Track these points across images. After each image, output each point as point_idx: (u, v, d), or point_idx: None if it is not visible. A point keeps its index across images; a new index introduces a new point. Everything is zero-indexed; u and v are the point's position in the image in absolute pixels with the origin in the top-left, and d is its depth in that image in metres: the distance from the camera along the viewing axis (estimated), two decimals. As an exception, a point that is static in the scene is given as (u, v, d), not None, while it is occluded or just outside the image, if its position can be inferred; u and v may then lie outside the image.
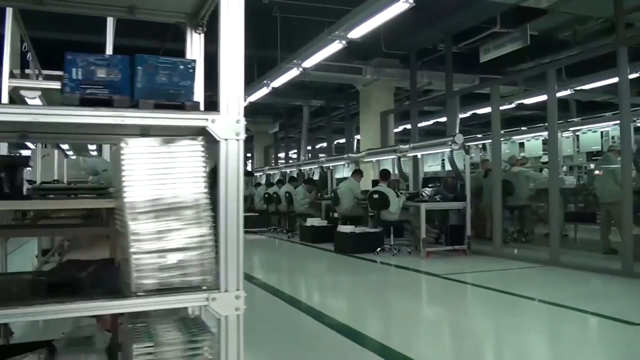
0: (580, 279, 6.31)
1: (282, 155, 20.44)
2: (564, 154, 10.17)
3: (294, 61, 8.39)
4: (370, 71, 10.44)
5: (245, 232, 1.63)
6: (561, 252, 7.02)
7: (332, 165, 12.47)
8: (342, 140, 16.88)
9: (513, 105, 11.48)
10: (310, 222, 10.77)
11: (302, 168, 13.96)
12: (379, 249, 8.48)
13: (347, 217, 9.72)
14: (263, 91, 10.46)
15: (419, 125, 13.79)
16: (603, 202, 7.91)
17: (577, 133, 10.14)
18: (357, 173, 9.68)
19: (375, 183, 10.64)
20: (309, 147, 16.51)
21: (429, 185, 8.60)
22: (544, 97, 8.16)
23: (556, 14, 8.53)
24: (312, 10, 8.69)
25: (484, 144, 11.35)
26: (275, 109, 16.87)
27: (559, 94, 8.02)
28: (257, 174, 16.92)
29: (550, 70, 7.06)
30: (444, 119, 12.66)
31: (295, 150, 18.56)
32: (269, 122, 18.38)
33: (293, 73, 9.01)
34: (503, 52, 8.94)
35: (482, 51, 9.38)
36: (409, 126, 14.34)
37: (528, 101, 11.60)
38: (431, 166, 9.62)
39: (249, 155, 20.94)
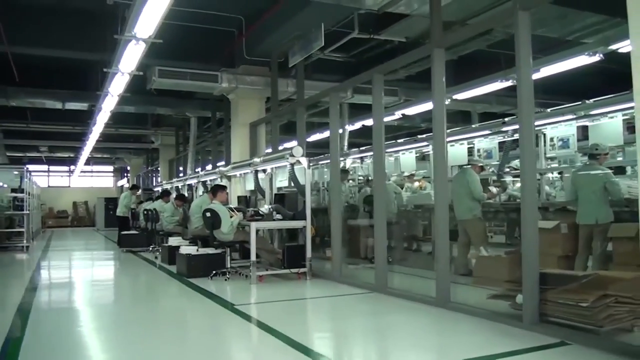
0: (389, 309, 5.57)
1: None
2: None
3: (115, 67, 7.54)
4: (228, 79, 9.65)
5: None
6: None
7: (211, 180, 11.57)
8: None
9: (398, 117, 10.84)
10: (171, 241, 9.87)
11: (203, 180, 12.97)
12: (213, 272, 7.61)
13: (199, 236, 8.84)
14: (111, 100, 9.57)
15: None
16: (460, 220, 7.29)
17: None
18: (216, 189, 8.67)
19: (239, 199, 9.85)
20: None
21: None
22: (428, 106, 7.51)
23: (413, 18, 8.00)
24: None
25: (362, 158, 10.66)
26: (176, 120, 15.98)
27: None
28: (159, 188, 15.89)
29: (377, 75, 6.38)
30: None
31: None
32: (172, 135, 17.45)
33: (121, 79, 8.17)
34: (304, 55, 8.50)
35: (290, 55, 8.83)
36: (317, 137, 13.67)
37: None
38: (281, 181, 8.83)
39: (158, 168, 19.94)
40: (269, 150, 9.83)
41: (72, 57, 10.20)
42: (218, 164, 12.45)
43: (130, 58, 7.33)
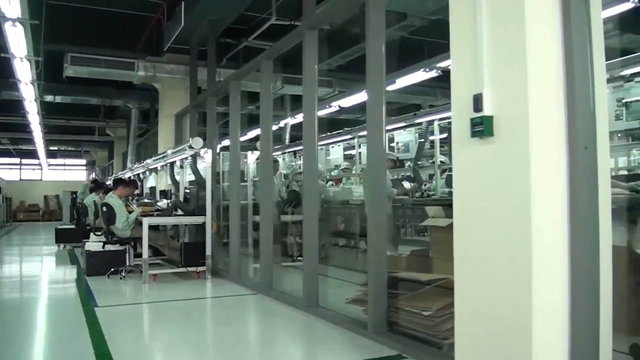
0: (256, 314, 5.14)
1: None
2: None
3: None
4: (145, 67, 9.17)
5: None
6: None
7: (142, 173, 11.13)
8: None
9: (335, 108, 10.37)
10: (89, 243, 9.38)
11: (136, 174, 12.48)
12: (111, 270, 7.18)
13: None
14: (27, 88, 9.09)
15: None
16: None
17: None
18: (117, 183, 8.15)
19: (160, 193, 9.41)
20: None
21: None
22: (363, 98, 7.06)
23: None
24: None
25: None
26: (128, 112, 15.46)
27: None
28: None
29: (265, 61, 5.91)
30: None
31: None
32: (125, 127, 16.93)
33: (22, 65, 7.71)
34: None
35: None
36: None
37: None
38: (190, 174, 8.37)
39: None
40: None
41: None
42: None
43: (16, 41, 6.86)
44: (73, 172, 31.64)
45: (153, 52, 9.85)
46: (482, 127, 2.47)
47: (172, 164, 8.49)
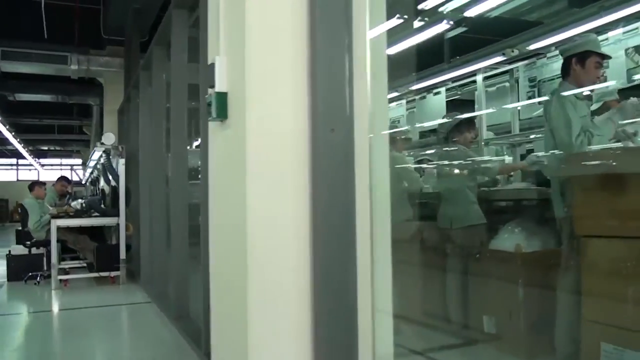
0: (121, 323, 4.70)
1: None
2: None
3: None
4: (79, 60, 8.74)
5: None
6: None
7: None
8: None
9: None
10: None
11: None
12: (28, 274, 6.80)
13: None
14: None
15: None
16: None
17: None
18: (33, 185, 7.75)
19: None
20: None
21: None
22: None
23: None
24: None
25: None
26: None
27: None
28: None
29: (156, 48, 5.44)
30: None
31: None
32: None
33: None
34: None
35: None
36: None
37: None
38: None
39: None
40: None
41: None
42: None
43: None
44: (71, 172, 31.65)
45: (96, 45, 9.44)
46: (216, 109, 1.93)
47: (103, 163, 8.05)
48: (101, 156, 6.71)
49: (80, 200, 6.95)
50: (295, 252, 1.75)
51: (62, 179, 7.89)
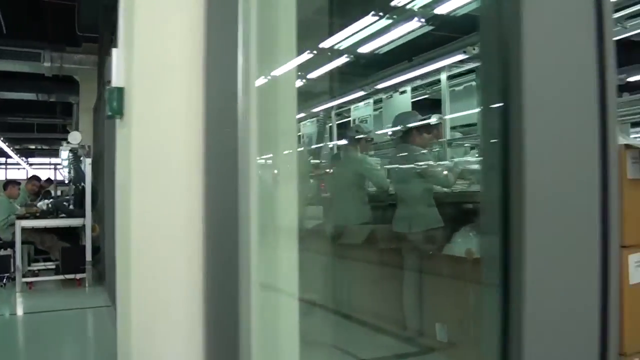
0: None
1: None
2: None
3: None
4: (52, 57, 8.56)
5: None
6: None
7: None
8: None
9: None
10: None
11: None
12: (-4, 276, 6.65)
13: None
14: None
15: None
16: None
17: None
18: (7, 184, 7.59)
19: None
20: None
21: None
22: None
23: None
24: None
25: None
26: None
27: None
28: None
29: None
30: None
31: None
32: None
33: None
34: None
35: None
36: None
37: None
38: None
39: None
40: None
41: None
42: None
43: None
44: (54, 171, 31.36)
45: (72, 42, 9.27)
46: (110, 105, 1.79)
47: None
48: (69, 156, 6.54)
49: (46, 201, 6.78)
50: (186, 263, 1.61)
51: (33, 178, 7.73)
